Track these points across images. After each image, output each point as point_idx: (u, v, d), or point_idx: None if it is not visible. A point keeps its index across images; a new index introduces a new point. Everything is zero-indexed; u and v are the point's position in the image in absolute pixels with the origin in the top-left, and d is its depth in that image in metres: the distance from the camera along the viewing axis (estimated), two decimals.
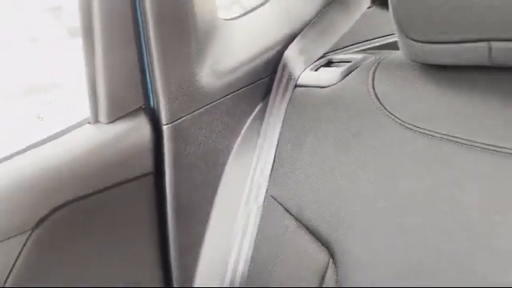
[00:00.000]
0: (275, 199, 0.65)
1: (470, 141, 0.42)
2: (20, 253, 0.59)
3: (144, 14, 0.61)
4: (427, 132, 0.46)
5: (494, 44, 0.40)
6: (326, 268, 0.55)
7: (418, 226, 0.44)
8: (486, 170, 0.40)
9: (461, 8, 0.41)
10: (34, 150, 0.61)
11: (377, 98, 0.52)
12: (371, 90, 0.53)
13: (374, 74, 0.55)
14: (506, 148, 0.40)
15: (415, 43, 0.47)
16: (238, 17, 0.74)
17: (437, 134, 0.45)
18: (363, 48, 0.74)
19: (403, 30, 0.47)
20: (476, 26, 0.41)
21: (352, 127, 0.54)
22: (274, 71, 0.71)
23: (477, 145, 0.42)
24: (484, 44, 0.41)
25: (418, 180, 0.45)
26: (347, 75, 0.59)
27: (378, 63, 0.57)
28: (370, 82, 0.54)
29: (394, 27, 0.48)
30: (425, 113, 0.47)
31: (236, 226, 0.70)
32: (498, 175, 0.40)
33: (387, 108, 0.51)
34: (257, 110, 0.72)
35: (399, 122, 0.49)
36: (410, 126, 0.47)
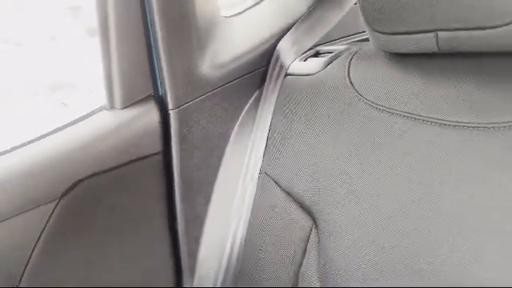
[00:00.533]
0: (268, 175, 0.74)
1: (422, 116, 0.50)
2: (49, 219, 0.69)
3: (152, 13, 0.70)
4: (388, 110, 0.54)
5: (440, 34, 0.48)
6: (310, 232, 0.63)
7: (387, 193, 0.52)
8: (434, 139, 0.48)
9: (413, 3, 0.49)
10: (60, 132, 0.71)
11: (351, 83, 0.61)
12: (346, 77, 0.61)
13: (349, 62, 0.63)
14: (449, 121, 0.48)
15: (380, 35, 0.55)
16: (238, 14, 0.82)
17: (397, 111, 0.53)
18: (349, 41, 0.82)
19: (370, 24, 0.55)
20: (425, 19, 0.48)
21: (331, 109, 0.63)
22: (269, 62, 0.80)
23: (427, 119, 0.50)
24: (431, 34, 0.48)
25: (384, 151, 0.53)
26: (329, 64, 0.68)
27: (355, 53, 0.65)
28: (346, 70, 0.63)
29: (362, 21, 0.56)
30: (388, 93, 0.55)
31: (235, 199, 0.79)
32: (444, 144, 0.47)
33: (359, 91, 0.59)
34: (253, 97, 0.80)
35: (368, 102, 0.57)
36: (376, 106, 0.55)
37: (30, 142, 0.71)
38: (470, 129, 0.46)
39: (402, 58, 0.56)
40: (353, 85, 0.60)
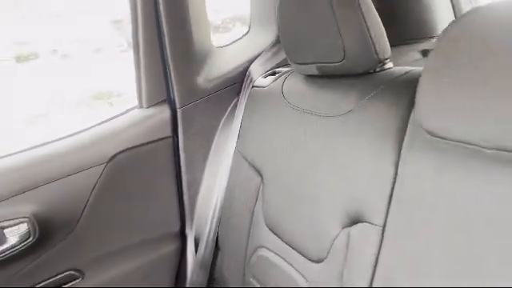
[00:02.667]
0: (239, 152, 1.12)
1: (316, 112, 0.87)
2: (99, 177, 1.08)
3: (165, 42, 1.09)
4: (298, 108, 0.92)
5: (319, 65, 0.86)
6: (259, 185, 1.01)
7: (303, 160, 0.87)
8: (322, 128, 0.85)
9: (304, 48, 0.87)
10: (108, 121, 1.12)
11: (282, 93, 0.99)
12: (280, 89, 1.00)
13: (284, 79, 1.02)
14: (333, 115, 0.84)
15: (294, 63, 0.93)
16: (225, 46, 1.23)
17: (304, 110, 0.91)
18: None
19: (289, 57, 0.94)
20: (310, 57, 0.87)
21: (272, 109, 1.01)
22: (243, 78, 1.19)
23: (320, 114, 0.86)
24: (314, 65, 0.87)
25: (296, 135, 0.91)
26: (274, 80, 1.06)
27: (289, 73, 1.03)
28: (281, 84, 1.01)
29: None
30: (300, 98, 0.93)
31: (220, 168, 1.18)
32: (317, 129, 0.85)
33: (286, 98, 0.97)
34: (233, 101, 1.20)
35: (290, 105, 0.95)
36: (292, 106, 0.94)
37: (90, 127, 1.12)
38: (329, 117, 0.83)
39: (308, 76, 0.95)
40: (283, 94, 0.98)
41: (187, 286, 1.18)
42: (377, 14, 0.78)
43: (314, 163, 0.83)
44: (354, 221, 0.73)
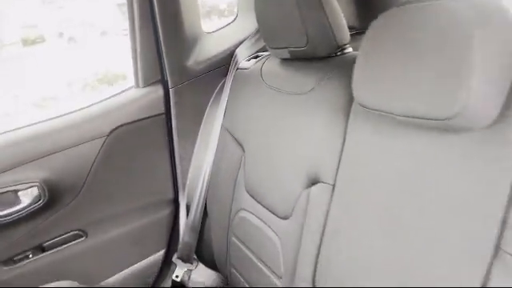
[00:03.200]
0: (225, 127, 1.26)
1: (286, 90, 1.00)
2: (101, 148, 1.22)
3: (158, 29, 1.21)
4: (272, 87, 1.05)
5: (289, 49, 0.98)
6: (241, 157, 1.15)
7: (275, 133, 1.01)
8: (289, 104, 0.98)
9: (276, 31, 1.00)
10: (108, 98, 1.26)
11: (261, 74, 1.12)
12: (259, 70, 1.13)
13: (263, 62, 1.15)
14: (286, 90, 0.97)
15: (270, 48, 1.06)
16: (213, 31, 1.35)
17: (277, 88, 1.04)
18: None
19: (266, 42, 1.06)
20: (283, 43, 0.99)
21: (253, 89, 1.14)
22: (230, 61, 1.31)
23: (289, 92, 0.99)
24: (286, 50, 0.99)
25: (271, 112, 1.04)
26: (255, 63, 1.19)
27: (268, 57, 1.16)
28: (260, 66, 1.14)
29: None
30: (274, 79, 1.06)
31: (209, 143, 1.31)
32: (284, 104, 0.98)
33: (263, 79, 1.10)
34: (221, 82, 1.33)
35: (266, 85, 1.08)
36: (269, 86, 1.06)
37: (92, 104, 1.25)
38: (296, 95, 0.96)
39: (283, 60, 1.07)
40: (262, 75, 1.11)
41: (179, 246, 1.33)
42: (337, 5, 0.90)
43: (283, 135, 0.97)
44: (313, 182, 0.87)
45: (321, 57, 0.95)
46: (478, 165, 0.57)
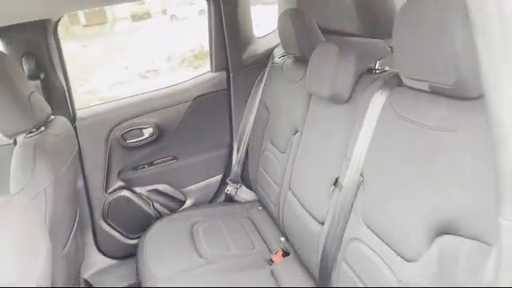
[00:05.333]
0: (262, 101, 2.00)
1: (294, 79, 1.72)
2: (188, 108, 2.01)
3: (225, 35, 1.99)
4: (289, 79, 1.77)
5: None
6: (268, 117, 1.89)
7: (284, 101, 1.74)
8: (288, 88, 1.70)
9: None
10: (195, 78, 2.07)
11: (282, 69, 1.84)
12: (281, 66, 1.85)
13: (284, 60, 1.87)
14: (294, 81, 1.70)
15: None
16: (261, 37, 2.09)
17: (289, 79, 1.75)
18: None
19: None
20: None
21: (279, 78, 1.86)
22: (269, 58, 2.04)
23: (295, 81, 1.71)
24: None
25: (283, 88, 1.76)
26: (280, 60, 1.91)
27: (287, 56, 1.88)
28: (282, 63, 1.86)
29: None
30: (290, 73, 1.78)
31: (252, 109, 2.08)
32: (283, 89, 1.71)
33: (284, 73, 1.82)
34: (262, 72, 2.07)
35: (285, 77, 1.80)
36: (287, 77, 1.78)
37: (186, 81, 2.07)
38: (294, 82, 1.68)
39: (295, 61, 1.78)
40: (282, 69, 1.83)
41: (231, 172, 2.14)
42: None
43: (288, 104, 1.70)
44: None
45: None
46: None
